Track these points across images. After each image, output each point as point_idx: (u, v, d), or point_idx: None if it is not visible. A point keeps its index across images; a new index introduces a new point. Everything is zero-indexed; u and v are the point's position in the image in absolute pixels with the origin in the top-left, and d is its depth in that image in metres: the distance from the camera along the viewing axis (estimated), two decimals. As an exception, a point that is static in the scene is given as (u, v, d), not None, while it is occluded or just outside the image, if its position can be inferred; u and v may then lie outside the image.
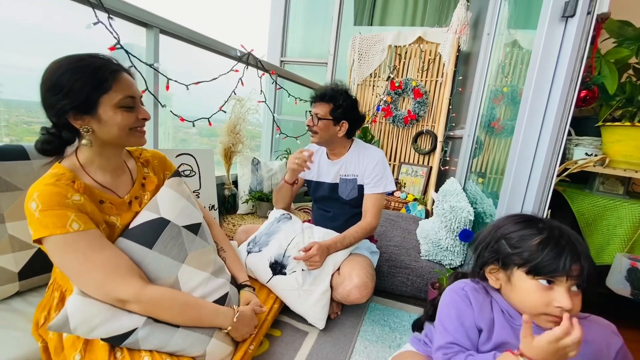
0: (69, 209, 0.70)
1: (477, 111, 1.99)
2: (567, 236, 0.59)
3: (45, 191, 0.69)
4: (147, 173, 0.95)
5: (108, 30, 1.18)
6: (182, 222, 0.92)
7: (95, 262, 0.71)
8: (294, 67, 3.50)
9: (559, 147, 1.02)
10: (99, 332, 0.72)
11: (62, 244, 0.70)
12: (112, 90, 0.74)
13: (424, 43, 2.82)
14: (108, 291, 0.72)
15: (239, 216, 1.96)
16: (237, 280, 1.07)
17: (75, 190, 0.73)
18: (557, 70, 0.99)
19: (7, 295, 0.95)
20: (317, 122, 1.34)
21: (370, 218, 1.35)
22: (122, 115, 0.76)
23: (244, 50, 1.87)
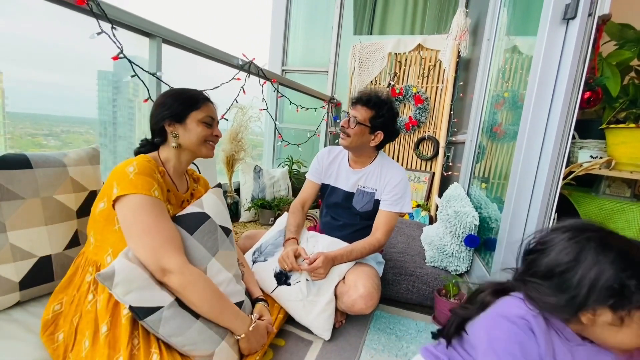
0: (155, 180, 0.88)
1: (479, 116, 1.98)
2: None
3: (143, 162, 0.89)
4: (196, 187, 1.15)
5: (112, 40, 1.19)
6: (219, 222, 1.02)
7: (159, 227, 0.84)
8: (295, 75, 3.54)
9: (564, 150, 1.01)
10: (132, 297, 0.77)
11: (142, 203, 0.83)
12: (199, 109, 0.98)
13: (424, 50, 2.84)
14: (160, 256, 0.81)
15: (241, 224, 1.95)
16: (253, 295, 1.11)
17: (159, 172, 0.93)
18: (560, 73, 0.99)
19: (7, 306, 0.94)
20: (353, 126, 1.29)
21: (380, 235, 1.30)
22: (202, 128, 0.98)
23: (246, 59, 1.89)
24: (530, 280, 0.64)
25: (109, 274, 0.76)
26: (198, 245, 0.93)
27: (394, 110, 1.33)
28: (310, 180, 1.50)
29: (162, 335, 0.80)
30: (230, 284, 0.97)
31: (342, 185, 1.42)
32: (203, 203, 1.01)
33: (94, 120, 1.83)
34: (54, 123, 1.90)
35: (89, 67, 1.19)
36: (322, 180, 1.48)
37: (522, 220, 1.13)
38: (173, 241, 0.85)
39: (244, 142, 1.90)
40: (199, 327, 0.83)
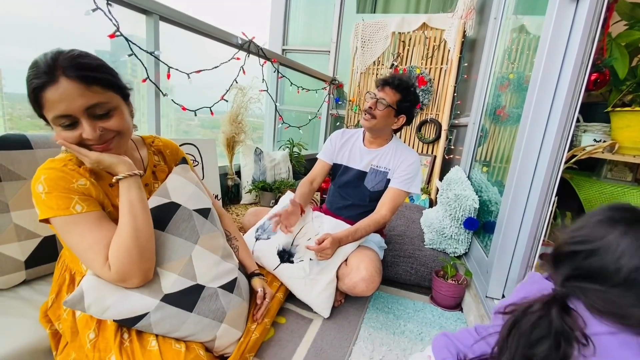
0: (73, 192, 0.71)
1: (482, 98, 1.95)
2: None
3: (51, 175, 0.71)
4: (158, 162, 0.96)
5: (107, 17, 1.16)
6: (193, 206, 0.93)
7: (91, 240, 0.71)
8: (296, 55, 3.46)
9: (567, 133, 1.00)
10: (111, 313, 0.73)
11: (66, 224, 0.71)
12: (45, 108, 0.67)
13: (429, 29, 2.76)
14: (101, 267, 0.71)
15: (242, 206, 1.96)
16: (248, 270, 1.09)
17: (81, 175, 0.74)
18: (567, 53, 0.96)
19: (14, 284, 0.96)
20: (382, 108, 1.30)
21: (385, 211, 1.32)
22: (63, 136, 0.70)
23: (245, 38, 1.84)
24: (586, 287, 0.52)
25: (78, 298, 0.71)
26: (175, 239, 0.85)
27: (417, 95, 1.38)
28: (321, 159, 1.52)
29: (159, 334, 0.78)
30: (219, 265, 0.93)
31: (355, 165, 1.45)
32: (168, 190, 0.90)
33: None
34: None
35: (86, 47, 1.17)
36: (334, 160, 1.50)
37: (522, 204, 1.13)
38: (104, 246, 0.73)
39: (244, 124, 1.88)
40: (194, 319, 0.81)
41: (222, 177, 1.94)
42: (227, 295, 0.91)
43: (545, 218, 1.09)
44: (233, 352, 0.87)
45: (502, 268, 1.17)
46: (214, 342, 0.84)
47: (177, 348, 0.76)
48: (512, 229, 1.15)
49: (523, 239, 1.12)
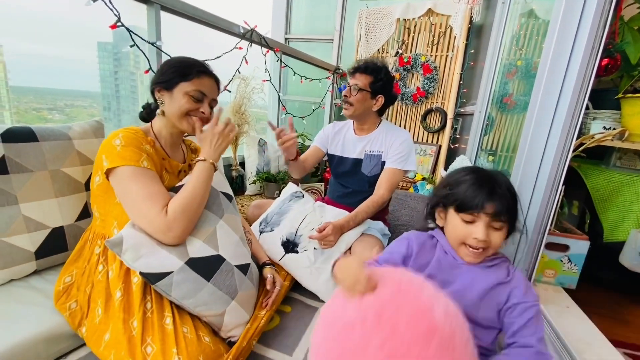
0: (142, 151, 0.87)
1: (489, 86, 1.92)
2: (491, 180, 0.69)
3: (128, 134, 0.87)
4: (194, 157, 1.10)
5: (108, 7, 1.15)
6: (220, 188, 1.04)
7: (152, 191, 0.84)
8: (299, 44, 3.41)
9: (576, 120, 0.98)
10: (141, 263, 0.80)
11: (132, 174, 0.83)
12: (190, 81, 0.92)
13: (434, 15, 2.70)
14: (156, 222, 0.81)
15: (247, 197, 1.97)
16: (260, 261, 1.14)
17: (147, 143, 0.91)
18: (578, 37, 0.94)
19: (25, 274, 0.98)
20: (355, 93, 1.34)
21: (383, 191, 1.35)
22: (187, 101, 0.92)
23: (248, 27, 1.82)
24: None
25: (118, 240, 0.78)
26: (204, 210, 0.94)
27: (390, 73, 1.41)
28: (314, 145, 1.55)
29: (175, 298, 0.83)
30: (237, 246, 0.99)
31: (349, 154, 1.47)
32: None
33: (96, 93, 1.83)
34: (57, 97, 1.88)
35: (89, 39, 1.16)
36: (328, 149, 1.52)
37: (529, 193, 1.12)
38: (165, 199, 0.86)
39: (248, 115, 1.87)
40: (210, 289, 0.86)
41: (227, 168, 1.94)
42: (241, 276, 0.96)
43: (552, 207, 1.08)
44: (239, 336, 0.89)
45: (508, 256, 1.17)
46: (223, 317, 0.87)
47: (186, 333, 0.79)
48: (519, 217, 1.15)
49: (529, 229, 1.11)
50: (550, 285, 1.23)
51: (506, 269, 0.72)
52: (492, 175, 0.70)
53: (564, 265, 1.22)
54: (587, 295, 1.40)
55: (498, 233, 0.68)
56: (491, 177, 0.69)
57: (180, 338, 0.76)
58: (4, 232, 0.91)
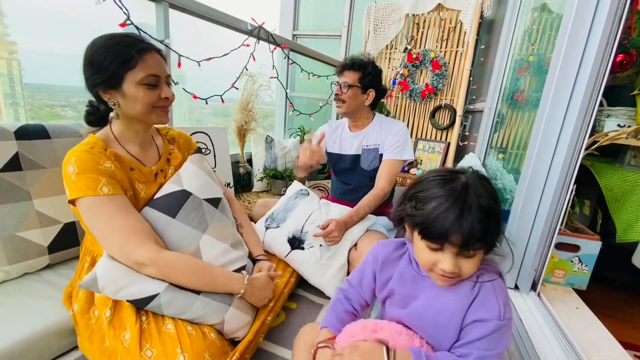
0: (101, 174, 0.77)
1: (500, 82, 1.88)
2: (460, 201, 0.55)
3: (81, 157, 0.76)
4: (172, 149, 1.01)
5: (117, 5, 1.16)
6: (204, 195, 0.96)
7: (119, 225, 0.77)
8: (306, 40, 3.40)
9: (589, 118, 0.96)
10: (124, 294, 0.77)
11: (92, 205, 0.76)
12: (137, 68, 0.78)
13: (444, 10, 2.65)
14: (128, 253, 0.77)
15: (254, 194, 1.99)
16: (253, 254, 1.10)
17: (107, 158, 0.80)
18: (592, 31, 0.91)
19: (38, 268, 1.01)
20: (346, 90, 1.36)
21: (383, 184, 1.36)
22: (144, 93, 0.80)
23: (255, 24, 1.82)
24: None
25: (92, 280, 0.75)
26: (184, 227, 0.88)
27: (377, 67, 1.42)
28: None
29: (169, 315, 0.80)
30: (227, 253, 0.94)
31: (347, 151, 1.49)
32: (182, 178, 0.94)
33: None
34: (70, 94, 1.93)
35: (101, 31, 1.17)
36: (327, 147, 1.54)
37: (539, 191, 1.09)
38: (137, 233, 0.78)
39: (255, 112, 1.88)
40: (202, 301, 0.83)
41: (234, 165, 1.95)
42: (238, 279, 0.92)
43: (562, 207, 1.06)
44: (244, 335, 0.89)
45: (516, 258, 1.15)
46: (223, 325, 0.86)
47: (190, 332, 0.78)
48: (527, 218, 1.13)
49: (538, 228, 1.09)
50: (560, 285, 1.21)
51: (473, 281, 0.62)
52: (465, 193, 0.56)
53: (574, 266, 1.19)
54: (598, 296, 1.38)
55: (469, 261, 0.58)
56: (462, 197, 0.55)
57: (185, 337, 0.75)
58: (18, 227, 0.94)
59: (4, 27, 1.61)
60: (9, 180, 0.92)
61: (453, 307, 0.62)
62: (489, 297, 0.60)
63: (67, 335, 0.87)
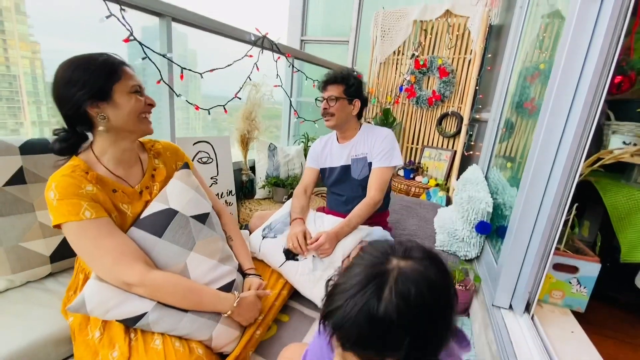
0: (82, 198, 0.77)
1: (504, 92, 1.84)
2: (360, 320, 0.43)
3: (62, 182, 0.77)
4: (157, 164, 1.01)
5: (120, 22, 1.20)
6: (190, 212, 0.96)
7: (104, 248, 0.78)
8: (314, 46, 3.42)
9: (586, 138, 0.93)
10: (113, 314, 0.78)
11: (76, 230, 0.77)
12: (123, 79, 0.82)
13: (452, 17, 2.62)
14: (116, 275, 0.78)
15: (256, 201, 2.01)
16: (243, 268, 1.10)
17: (89, 181, 0.80)
18: (590, 52, 0.89)
19: (41, 276, 1.06)
20: (333, 103, 1.39)
21: (373, 192, 1.37)
22: (136, 100, 0.84)
23: (259, 34, 1.84)
24: None
25: (80, 304, 0.76)
26: (170, 246, 0.89)
27: (357, 78, 1.45)
28: (309, 167, 1.59)
29: (158, 332, 0.82)
30: (216, 269, 0.95)
31: (337, 163, 1.51)
32: (167, 196, 0.95)
33: None
34: None
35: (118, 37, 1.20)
36: (319, 165, 1.57)
37: (535, 208, 1.07)
38: (124, 255, 0.79)
39: (257, 122, 1.90)
40: (190, 318, 0.84)
41: (237, 172, 1.98)
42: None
43: (558, 226, 1.03)
44: (233, 350, 0.91)
45: (511, 277, 1.13)
46: (211, 341, 0.87)
47: (178, 348, 0.80)
48: (523, 236, 1.10)
49: (534, 248, 1.07)
50: (557, 307, 1.18)
51: None
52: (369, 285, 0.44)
53: (572, 287, 1.16)
54: (600, 317, 1.34)
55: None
56: (364, 296, 0.43)
57: (171, 354, 0.77)
58: (21, 238, 0.99)
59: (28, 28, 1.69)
60: (14, 193, 0.97)
61: None
62: None
63: (64, 343, 0.90)
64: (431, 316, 0.43)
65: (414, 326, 0.42)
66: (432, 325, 0.43)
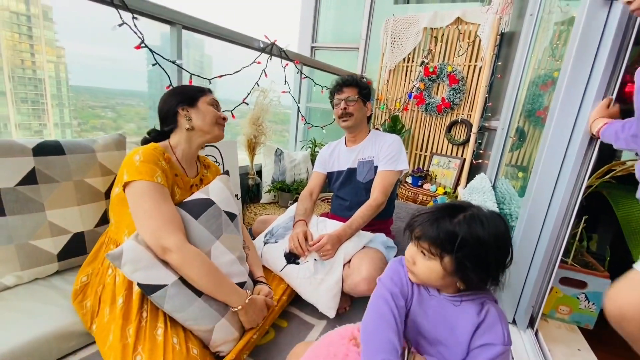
0: (158, 167, 0.95)
1: (512, 101, 1.81)
2: (440, 215, 0.66)
3: (147, 151, 0.96)
4: (206, 173, 1.21)
5: (132, 30, 1.24)
6: (224, 207, 1.08)
7: (159, 210, 0.90)
8: (325, 53, 3.44)
9: (592, 150, 0.91)
10: (139, 275, 0.85)
11: (145, 188, 0.91)
12: (206, 95, 1.10)
13: (463, 24, 2.60)
14: (159, 236, 0.87)
15: (261, 205, 2.03)
16: (254, 275, 1.16)
17: (164, 159, 0.99)
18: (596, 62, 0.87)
19: (48, 274, 1.09)
20: (352, 104, 1.44)
21: (377, 194, 1.38)
22: (212, 110, 1.09)
23: (268, 41, 1.87)
24: None
25: (117, 254, 0.84)
26: (202, 229, 0.99)
27: (366, 82, 1.53)
28: (316, 171, 1.62)
29: (167, 310, 0.87)
30: (233, 265, 1.02)
31: (344, 166, 1.54)
32: (209, 190, 1.08)
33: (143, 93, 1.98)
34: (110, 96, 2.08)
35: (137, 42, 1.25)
36: (327, 169, 1.59)
37: (540, 220, 1.05)
38: (172, 222, 0.90)
39: (264, 127, 1.93)
40: (200, 304, 0.90)
41: (243, 176, 2.01)
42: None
43: (562, 240, 1.00)
44: (229, 351, 0.92)
45: (514, 290, 1.10)
46: (211, 333, 0.90)
47: (175, 344, 0.83)
48: (527, 250, 1.08)
49: (538, 261, 1.05)
50: (564, 323, 1.14)
51: (479, 306, 0.68)
52: (442, 215, 0.67)
53: (580, 303, 1.13)
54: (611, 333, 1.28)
55: (423, 262, 0.67)
56: (439, 216, 0.66)
57: (169, 350, 0.80)
58: (31, 236, 1.02)
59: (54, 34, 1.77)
60: (25, 193, 1.01)
61: (461, 327, 0.67)
62: (495, 323, 0.66)
63: (68, 339, 0.93)
64: (489, 247, 0.63)
65: (473, 243, 0.62)
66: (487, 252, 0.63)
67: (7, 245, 0.99)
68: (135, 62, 1.58)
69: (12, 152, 1.00)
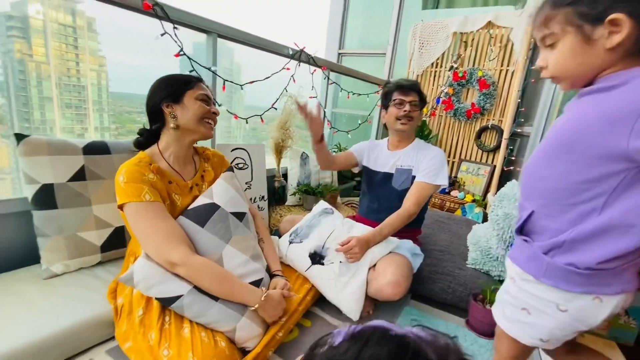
0: (144, 183, 0.92)
1: (547, 106, 1.75)
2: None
3: (130, 169, 0.92)
4: (207, 167, 1.17)
5: (173, 39, 1.33)
6: (230, 208, 1.08)
7: (156, 228, 0.90)
8: (351, 59, 3.48)
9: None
10: (154, 291, 0.88)
11: (136, 210, 0.90)
12: (194, 88, 1.01)
13: (494, 28, 2.54)
14: (163, 253, 0.88)
15: (286, 207, 2.07)
16: (270, 269, 1.17)
17: (151, 171, 0.96)
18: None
19: (91, 264, 1.18)
20: (416, 109, 1.45)
21: (409, 204, 1.36)
22: (199, 105, 1.00)
23: (297, 48, 1.93)
24: None
25: (129, 276, 0.87)
26: (210, 236, 0.99)
27: None
28: (350, 150, 1.63)
29: (189, 316, 0.90)
30: (247, 264, 1.03)
31: (381, 168, 1.53)
32: (213, 193, 1.07)
33: None
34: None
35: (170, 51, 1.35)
36: (363, 160, 1.60)
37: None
38: (172, 237, 0.90)
39: (291, 131, 1.97)
40: (219, 307, 0.91)
41: (270, 179, 2.06)
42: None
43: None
44: (254, 346, 0.95)
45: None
46: (234, 333, 0.92)
47: (203, 338, 0.86)
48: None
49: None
50: (602, 338, 1.08)
51: None
52: None
53: (620, 318, 1.06)
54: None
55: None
56: None
57: (197, 343, 0.83)
58: (78, 228, 1.11)
59: (97, 44, 1.93)
60: (75, 188, 1.10)
61: None
62: None
63: (107, 326, 0.99)
64: None
65: None
66: None
67: (58, 236, 1.08)
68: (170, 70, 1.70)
69: (65, 151, 1.09)
